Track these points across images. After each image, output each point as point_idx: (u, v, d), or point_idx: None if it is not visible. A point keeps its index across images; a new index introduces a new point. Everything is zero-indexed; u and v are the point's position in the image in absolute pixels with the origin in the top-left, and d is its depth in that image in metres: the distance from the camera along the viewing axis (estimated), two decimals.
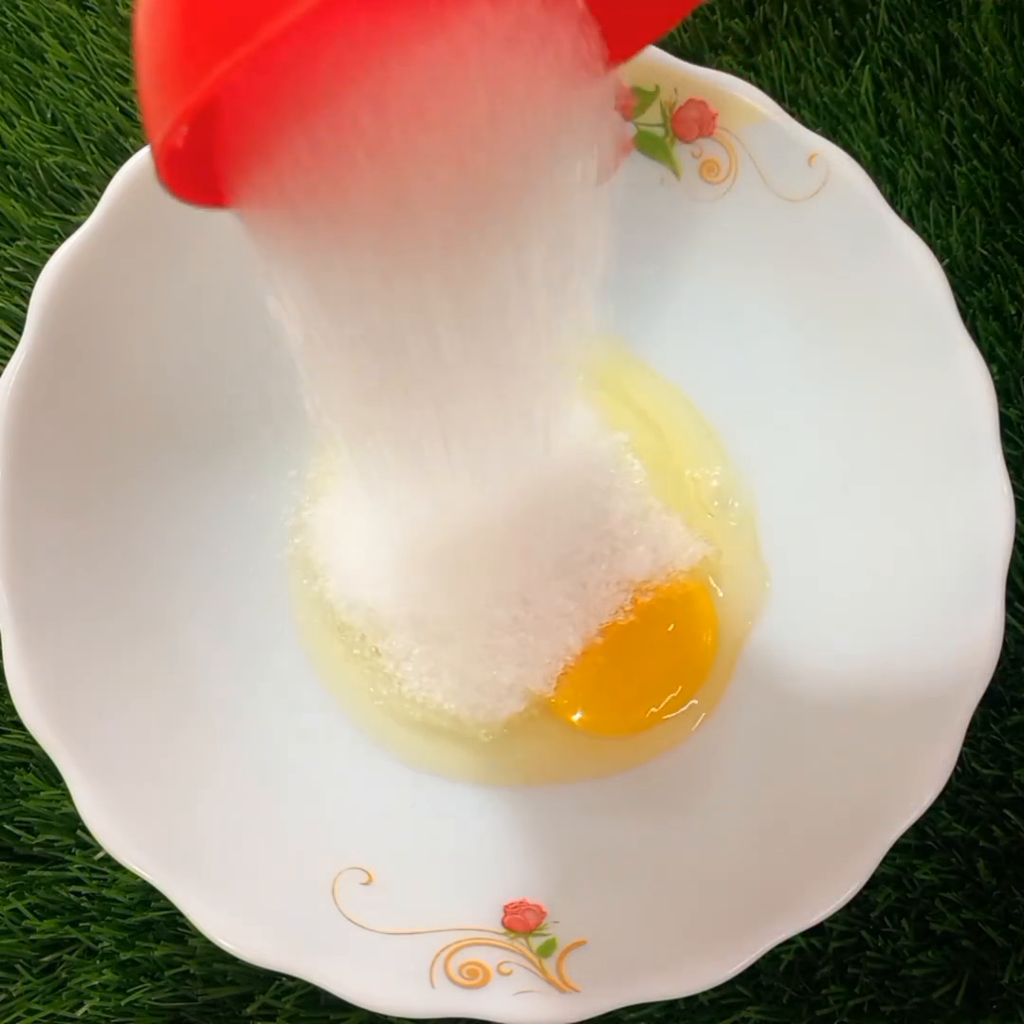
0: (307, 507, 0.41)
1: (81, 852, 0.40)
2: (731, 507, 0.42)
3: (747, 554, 0.41)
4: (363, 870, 0.35)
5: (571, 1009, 0.32)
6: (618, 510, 0.40)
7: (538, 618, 0.39)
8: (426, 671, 0.39)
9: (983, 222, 0.44)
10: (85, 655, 0.34)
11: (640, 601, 0.40)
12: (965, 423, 0.35)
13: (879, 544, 0.38)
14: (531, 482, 0.37)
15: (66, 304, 0.34)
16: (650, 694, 0.40)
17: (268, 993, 0.39)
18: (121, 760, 0.34)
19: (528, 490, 0.38)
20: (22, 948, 0.40)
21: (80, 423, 0.36)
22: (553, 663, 0.39)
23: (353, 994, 0.32)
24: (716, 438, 0.42)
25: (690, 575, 0.41)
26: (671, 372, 0.42)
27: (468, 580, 0.38)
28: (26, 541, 0.33)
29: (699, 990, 0.32)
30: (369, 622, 0.40)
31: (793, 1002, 0.38)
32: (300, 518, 0.41)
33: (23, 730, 0.33)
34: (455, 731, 0.39)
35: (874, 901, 0.39)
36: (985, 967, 0.39)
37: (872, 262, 0.37)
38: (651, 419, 0.42)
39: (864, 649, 0.37)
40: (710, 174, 0.38)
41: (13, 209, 0.45)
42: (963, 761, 0.38)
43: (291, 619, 0.41)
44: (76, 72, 0.47)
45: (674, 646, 0.40)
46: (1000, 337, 0.43)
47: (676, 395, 0.42)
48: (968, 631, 0.34)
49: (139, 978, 0.39)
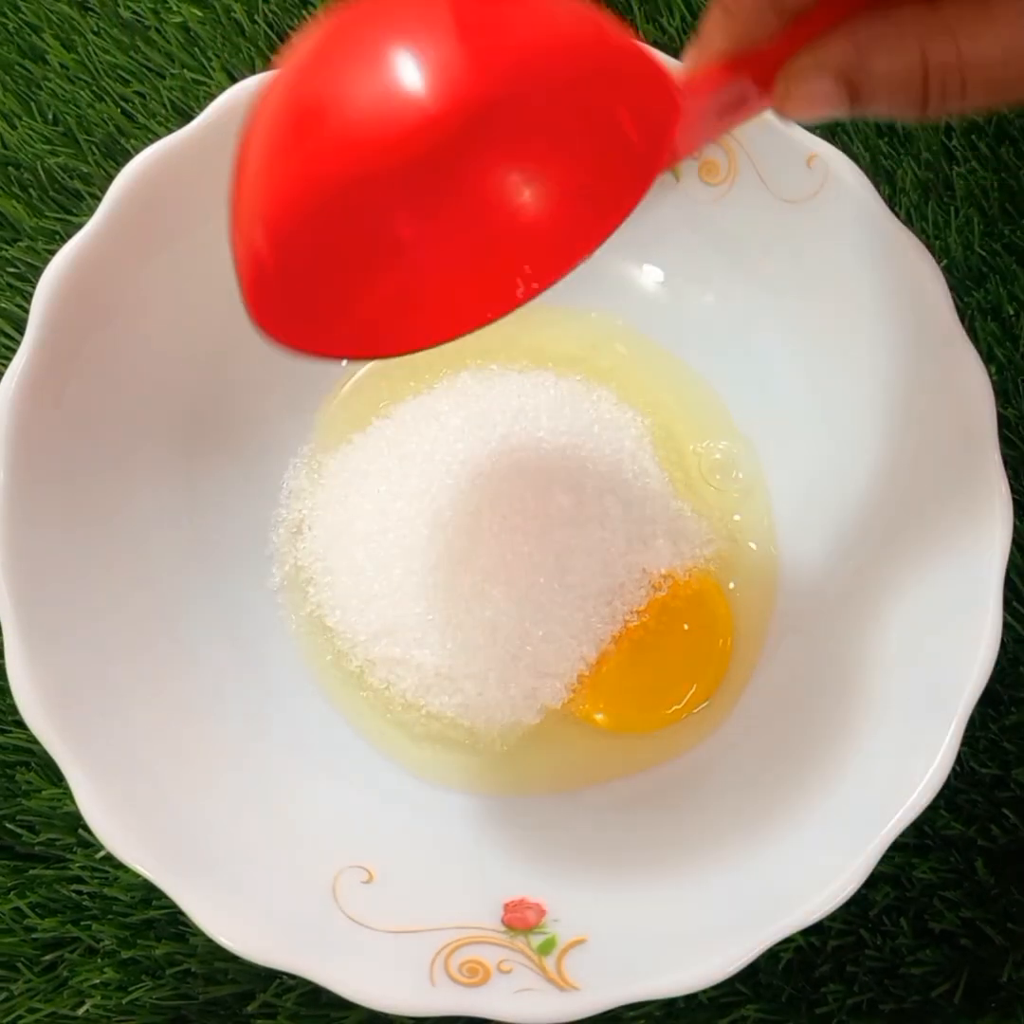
0: (315, 509, 0.41)
1: (82, 851, 0.40)
2: (735, 479, 0.42)
3: (756, 532, 0.41)
4: (364, 868, 0.35)
5: (571, 1007, 0.32)
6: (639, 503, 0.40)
7: (552, 628, 0.38)
8: (436, 682, 0.39)
9: (981, 223, 0.44)
10: (87, 654, 0.34)
11: (654, 600, 0.40)
12: (963, 423, 0.35)
13: (876, 546, 0.38)
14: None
15: (67, 305, 0.34)
16: (669, 691, 0.40)
17: (269, 991, 0.39)
18: (123, 759, 0.34)
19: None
20: (23, 947, 0.40)
21: (82, 423, 0.36)
22: (569, 672, 0.39)
23: (353, 992, 0.32)
24: (726, 414, 0.42)
25: (702, 570, 0.40)
26: (680, 352, 0.43)
27: (482, 590, 0.38)
28: (27, 541, 0.34)
29: (698, 988, 0.32)
30: (376, 632, 0.39)
31: (792, 1000, 0.39)
32: (308, 521, 0.41)
33: (25, 729, 0.33)
34: (469, 744, 0.39)
35: (873, 900, 0.39)
36: (984, 965, 0.39)
37: (871, 263, 0.37)
38: (659, 398, 0.43)
39: (862, 650, 0.37)
40: (709, 176, 0.38)
41: (15, 210, 0.45)
42: (961, 760, 0.38)
43: (297, 629, 0.41)
44: (77, 73, 0.47)
45: (689, 646, 0.40)
46: (998, 337, 0.43)
47: (684, 370, 0.42)
48: (966, 631, 0.34)
49: (140, 976, 0.39)
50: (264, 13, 0.47)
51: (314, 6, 0.46)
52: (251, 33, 0.47)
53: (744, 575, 0.41)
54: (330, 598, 0.40)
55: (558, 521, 0.38)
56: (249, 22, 0.47)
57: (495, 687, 0.38)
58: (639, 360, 0.43)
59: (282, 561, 0.41)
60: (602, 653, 0.39)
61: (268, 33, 0.47)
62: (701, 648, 0.40)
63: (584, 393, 0.42)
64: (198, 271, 0.37)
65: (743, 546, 0.41)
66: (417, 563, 0.38)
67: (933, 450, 0.36)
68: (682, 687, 0.40)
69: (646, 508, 0.40)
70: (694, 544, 0.40)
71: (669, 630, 0.39)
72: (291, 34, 0.46)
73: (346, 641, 0.40)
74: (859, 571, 0.38)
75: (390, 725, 0.40)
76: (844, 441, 0.39)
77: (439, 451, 0.40)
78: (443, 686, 0.39)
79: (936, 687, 0.34)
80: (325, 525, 0.40)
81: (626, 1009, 0.34)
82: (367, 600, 0.39)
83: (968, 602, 0.34)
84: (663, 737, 0.40)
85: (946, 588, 0.35)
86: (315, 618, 0.40)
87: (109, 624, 0.36)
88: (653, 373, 0.43)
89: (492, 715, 0.39)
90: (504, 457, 0.39)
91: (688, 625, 0.40)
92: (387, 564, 0.39)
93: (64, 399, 0.35)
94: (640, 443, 0.41)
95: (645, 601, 0.39)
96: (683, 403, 0.42)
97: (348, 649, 0.40)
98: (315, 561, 0.41)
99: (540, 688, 0.39)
